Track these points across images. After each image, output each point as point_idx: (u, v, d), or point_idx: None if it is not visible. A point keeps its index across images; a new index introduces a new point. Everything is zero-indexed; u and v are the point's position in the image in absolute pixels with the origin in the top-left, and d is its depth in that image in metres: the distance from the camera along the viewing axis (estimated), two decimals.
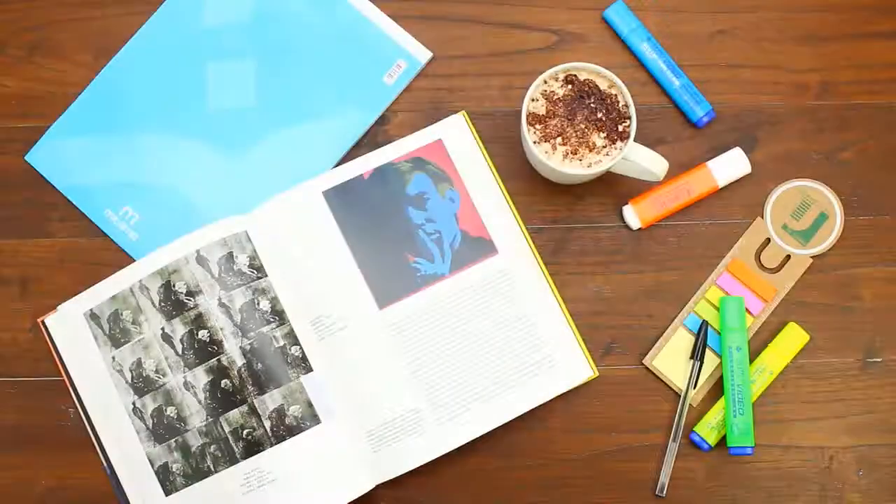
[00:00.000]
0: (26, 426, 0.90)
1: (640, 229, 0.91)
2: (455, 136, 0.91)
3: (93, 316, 0.88)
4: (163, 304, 0.87)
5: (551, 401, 0.87)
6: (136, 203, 0.92)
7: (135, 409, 0.87)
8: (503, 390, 0.87)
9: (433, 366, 0.87)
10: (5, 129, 0.93)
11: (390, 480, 0.88)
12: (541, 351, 0.87)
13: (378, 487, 0.88)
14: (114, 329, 0.87)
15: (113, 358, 0.87)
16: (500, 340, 0.88)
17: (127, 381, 0.87)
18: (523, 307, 0.88)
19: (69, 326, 0.88)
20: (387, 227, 0.89)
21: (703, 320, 0.90)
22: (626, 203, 0.91)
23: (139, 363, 0.87)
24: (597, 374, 0.87)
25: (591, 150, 0.85)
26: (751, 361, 0.89)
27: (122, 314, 0.87)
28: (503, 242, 0.89)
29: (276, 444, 0.86)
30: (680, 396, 0.89)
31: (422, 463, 0.86)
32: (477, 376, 0.87)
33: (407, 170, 0.90)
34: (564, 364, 0.87)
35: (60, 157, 0.92)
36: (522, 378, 0.87)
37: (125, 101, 0.93)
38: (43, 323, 0.89)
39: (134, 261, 0.90)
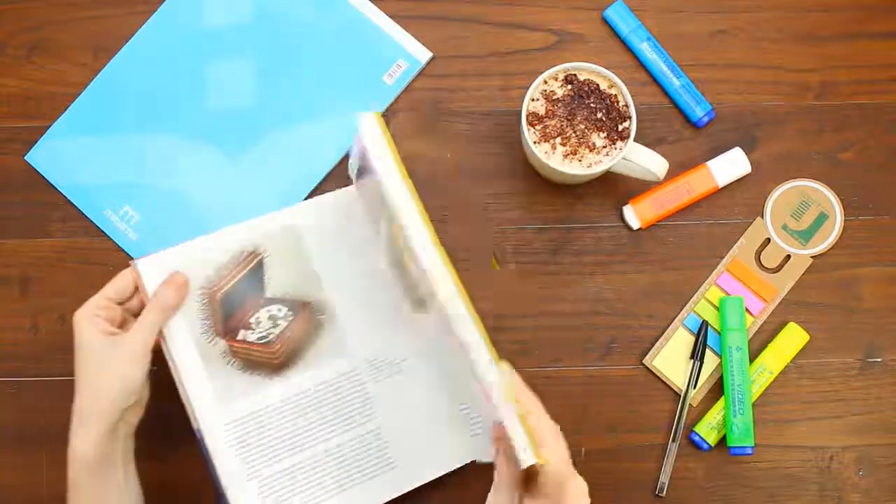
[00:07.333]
0: (26, 426, 0.90)
1: (640, 229, 0.91)
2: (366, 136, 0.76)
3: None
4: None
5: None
6: (135, 203, 0.92)
7: None
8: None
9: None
10: (5, 129, 0.93)
11: None
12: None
13: None
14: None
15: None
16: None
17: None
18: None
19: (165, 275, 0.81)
20: None
21: (703, 320, 0.90)
22: (626, 203, 0.91)
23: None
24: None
25: (591, 150, 0.85)
26: (751, 361, 0.89)
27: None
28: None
29: None
30: (680, 396, 0.89)
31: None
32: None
33: None
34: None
35: (60, 157, 0.92)
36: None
37: (125, 101, 0.93)
38: (135, 267, 0.81)
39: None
